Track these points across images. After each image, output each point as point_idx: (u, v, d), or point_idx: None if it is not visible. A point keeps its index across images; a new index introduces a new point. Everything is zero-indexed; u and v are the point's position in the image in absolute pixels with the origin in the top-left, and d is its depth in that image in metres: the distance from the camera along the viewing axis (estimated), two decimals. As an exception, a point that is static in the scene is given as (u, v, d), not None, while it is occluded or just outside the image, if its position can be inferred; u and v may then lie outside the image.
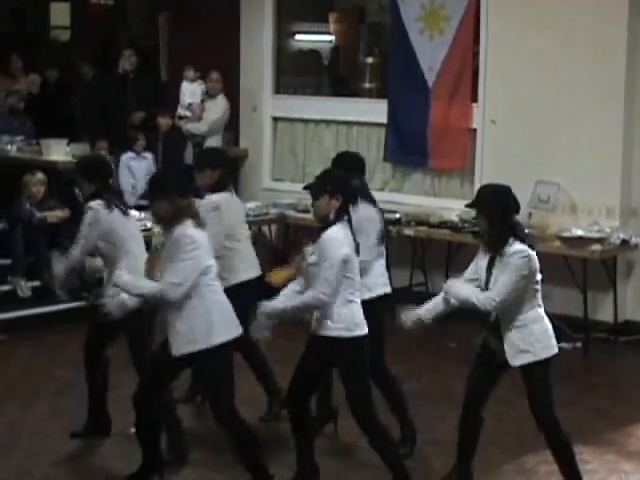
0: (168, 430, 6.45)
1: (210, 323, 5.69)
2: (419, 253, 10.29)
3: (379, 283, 6.49)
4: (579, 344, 9.03)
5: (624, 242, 9.23)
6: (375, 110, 10.81)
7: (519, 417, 7.29)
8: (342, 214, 5.75)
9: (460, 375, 7.87)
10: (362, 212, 6.36)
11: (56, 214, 9.82)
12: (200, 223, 5.76)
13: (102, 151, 10.27)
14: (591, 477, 6.23)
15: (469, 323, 5.99)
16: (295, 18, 11.98)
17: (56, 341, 8.97)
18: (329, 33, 11.97)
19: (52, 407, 7.50)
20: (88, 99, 11.50)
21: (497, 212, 5.66)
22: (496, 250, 5.67)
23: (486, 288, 5.70)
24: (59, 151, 10.86)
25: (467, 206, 5.89)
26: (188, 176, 10.35)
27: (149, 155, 10.48)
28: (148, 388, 5.92)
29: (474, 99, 10.19)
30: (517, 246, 5.65)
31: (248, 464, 5.82)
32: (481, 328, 5.95)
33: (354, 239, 5.75)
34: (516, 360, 5.70)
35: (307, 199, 10.99)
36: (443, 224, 9.90)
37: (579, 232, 9.19)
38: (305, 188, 5.92)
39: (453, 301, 5.80)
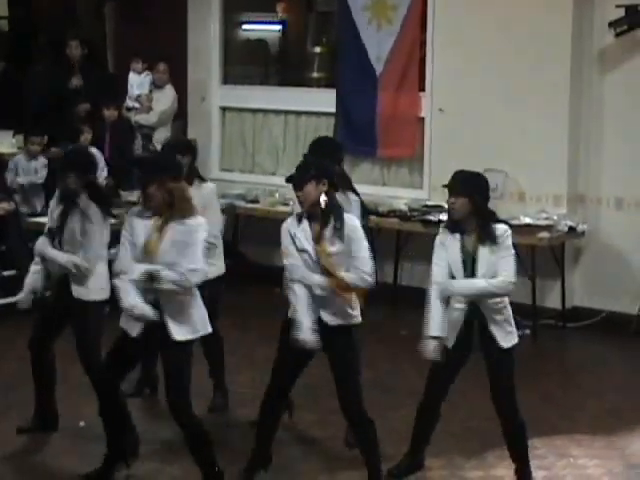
0: None
1: (204, 313, 5.79)
2: (368, 242, 10.28)
3: None
4: (528, 331, 9.10)
5: (571, 229, 9.31)
6: (323, 99, 10.80)
7: (462, 403, 7.38)
8: (334, 199, 5.72)
9: (412, 362, 7.93)
10: (350, 198, 6.41)
11: (2, 206, 9.71)
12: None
13: (35, 145, 10.12)
14: (540, 462, 6.29)
15: (419, 309, 5.96)
16: (242, 8, 11.94)
17: (6, 335, 8.88)
18: (277, 22, 11.94)
19: (1, 402, 7.42)
20: (34, 91, 11.36)
21: (481, 195, 5.74)
22: (486, 233, 5.69)
23: (472, 274, 5.71)
24: (4, 143, 10.76)
25: (451, 192, 5.78)
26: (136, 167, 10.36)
27: (94, 150, 10.35)
28: (112, 373, 5.89)
29: (422, 88, 10.22)
30: (501, 226, 5.76)
31: (199, 459, 5.79)
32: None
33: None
34: (507, 342, 5.76)
35: (256, 189, 11.05)
36: (392, 213, 9.93)
37: (527, 220, 9.26)
38: (288, 180, 5.81)
39: (458, 305, 5.79)
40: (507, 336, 5.79)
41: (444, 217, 9.47)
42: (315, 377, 7.98)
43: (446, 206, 9.62)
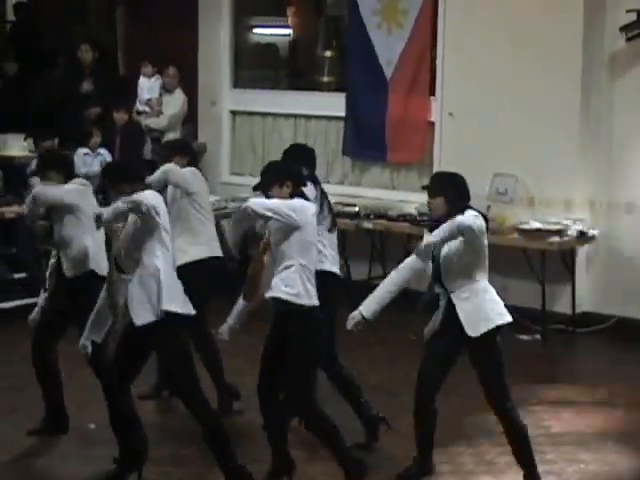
0: None
1: (172, 291, 5.85)
2: (378, 246, 10.31)
3: None
4: (538, 336, 9.09)
5: (582, 234, 9.29)
6: (333, 103, 10.80)
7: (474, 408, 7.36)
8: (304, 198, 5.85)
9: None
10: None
11: (13, 209, 9.74)
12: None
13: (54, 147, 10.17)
14: (550, 467, 6.27)
15: (428, 314, 5.95)
16: (253, 12, 11.94)
17: (15, 337, 8.88)
18: (287, 27, 11.94)
19: (7, 404, 7.42)
20: (45, 94, 11.38)
21: (455, 193, 5.80)
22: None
23: (438, 275, 5.80)
24: (15, 146, 10.78)
25: (428, 193, 5.87)
26: (147, 170, 10.37)
27: (104, 151, 10.37)
28: (121, 376, 5.88)
29: (432, 92, 10.21)
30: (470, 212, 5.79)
31: (219, 456, 5.76)
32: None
33: None
34: (474, 330, 5.75)
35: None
36: (402, 217, 9.92)
37: (537, 224, 9.24)
38: (255, 189, 5.93)
39: (442, 299, 5.82)
40: (475, 325, 5.73)
41: (454, 221, 9.54)
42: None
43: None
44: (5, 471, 6.33)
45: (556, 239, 9.12)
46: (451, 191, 5.81)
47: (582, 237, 9.31)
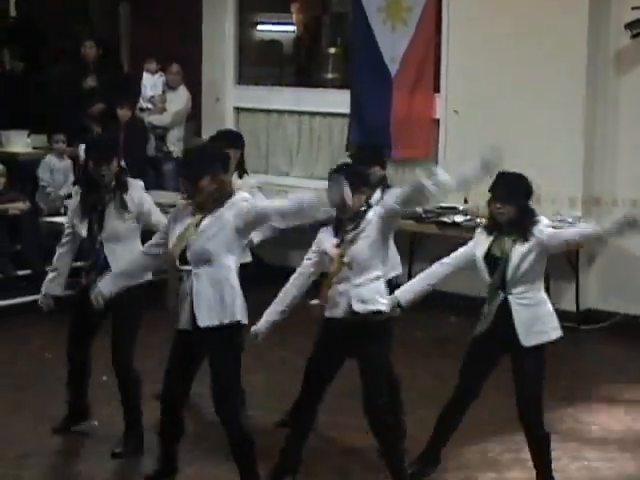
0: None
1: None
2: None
3: None
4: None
5: (586, 231, 9.26)
6: (338, 100, 10.80)
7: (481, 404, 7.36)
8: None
9: (427, 365, 7.93)
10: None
11: (17, 206, 9.75)
12: None
13: (59, 143, 10.22)
14: (554, 464, 6.19)
15: (433, 311, 5.95)
16: (257, 8, 11.94)
17: (20, 334, 8.90)
18: (291, 23, 11.94)
19: (15, 400, 7.42)
20: (51, 90, 11.39)
21: (526, 200, 5.77)
22: (526, 235, 5.69)
23: (502, 273, 5.68)
24: (19, 142, 10.79)
25: (497, 198, 5.77)
26: (149, 167, 10.40)
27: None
28: (179, 385, 5.70)
29: (436, 89, 10.20)
30: (542, 224, 5.76)
31: (242, 463, 5.65)
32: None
33: None
34: (528, 341, 5.69)
35: (270, 189, 11.04)
36: (406, 214, 9.90)
37: (542, 221, 9.22)
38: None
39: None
40: (531, 335, 5.67)
41: (458, 218, 9.54)
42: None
43: (460, 207, 9.79)
44: (12, 467, 6.33)
45: (561, 236, 9.10)
46: (523, 199, 5.75)
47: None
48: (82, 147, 10.14)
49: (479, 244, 5.84)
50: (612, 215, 5.67)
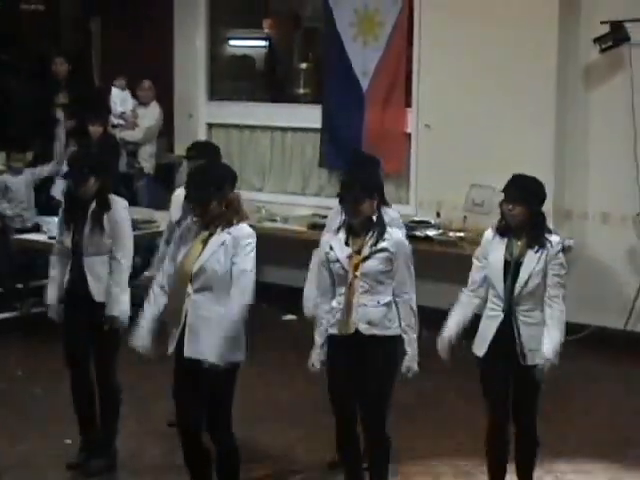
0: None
1: None
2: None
3: None
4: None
5: (558, 244, 9.30)
6: (310, 115, 10.81)
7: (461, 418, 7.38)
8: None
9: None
10: None
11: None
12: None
13: (16, 163, 10.16)
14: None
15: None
16: (229, 24, 11.94)
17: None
18: (264, 39, 11.95)
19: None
20: (19, 107, 11.35)
21: (539, 202, 5.66)
22: (536, 239, 5.60)
23: (513, 279, 5.59)
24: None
25: (509, 199, 5.65)
26: (121, 183, 10.36)
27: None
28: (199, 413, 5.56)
29: (408, 104, 10.23)
30: (555, 237, 5.66)
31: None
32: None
33: None
34: (529, 360, 5.61)
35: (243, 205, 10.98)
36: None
37: (513, 235, 9.24)
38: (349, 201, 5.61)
39: (492, 312, 5.66)
40: (531, 353, 5.59)
41: (431, 232, 9.56)
42: (300, 393, 8.04)
43: (432, 221, 9.81)
44: None
45: (532, 249, 9.13)
46: (536, 201, 5.66)
47: (558, 247, 9.32)
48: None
49: (492, 249, 5.71)
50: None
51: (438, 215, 9.91)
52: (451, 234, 9.54)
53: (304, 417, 7.45)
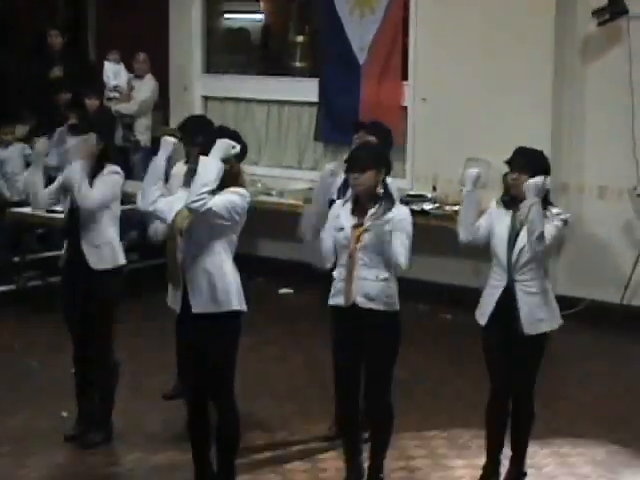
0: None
1: None
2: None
3: None
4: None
5: (554, 218, 9.30)
6: (306, 89, 10.78)
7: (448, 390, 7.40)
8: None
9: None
10: None
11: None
12: None
13: (8, 136, 10.13)
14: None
15: (404, 301, 5.87)
16: (225, -4, 11.90)
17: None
18: (259, 12, 11.90)
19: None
20: (15, 80, 11.31)
21: (543, 173, 5.69)
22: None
23: (509, 257, 5.61)
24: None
25: (514, 168, 5.72)
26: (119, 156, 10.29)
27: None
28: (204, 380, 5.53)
29: (405, 77, 10.20)
30: (556, 209, 5.73)
31: (228, 451, 5.57)
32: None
33: None
34: (530, 329, 5.62)
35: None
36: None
37: (510, 209, 9.24)
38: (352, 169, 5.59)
39: (496, 282, 5.67)
40: (534, 323, 5.61)
41: (427, 206, 9.54)
42: (296, 367, 8.06)
43: (429, 195, 9.81)
44: None
45: (529, 223, 9.13)
46: (540, 170, 5.67)
47: (554, 221, 9.32)
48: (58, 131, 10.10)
49: (496, 219, 5.74)
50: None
51: (434, 189, 9.90)
52: (447, 208, 9.52)
53: (300, 390, 7.48)
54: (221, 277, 5.32)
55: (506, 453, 5.92)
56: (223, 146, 5.30)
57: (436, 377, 7.78)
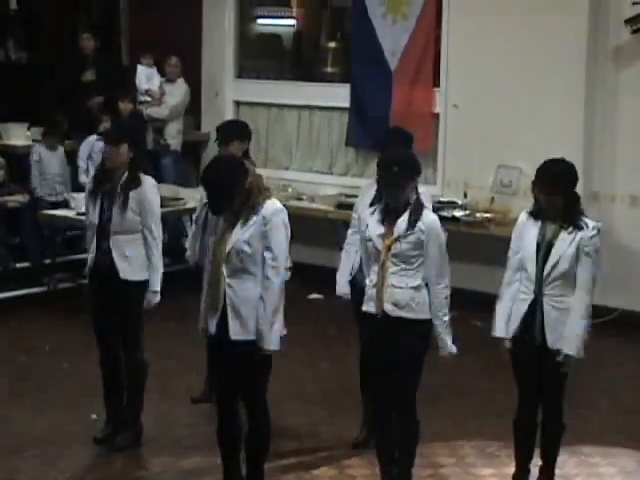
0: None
1: None
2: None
3: None
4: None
5: (585, 226, 9.26)
6: (337, 94, 10.78)
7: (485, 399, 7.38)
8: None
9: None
10: None
11: (16, 199, 9.76)
12: None
13: (48, 140, 10.19)
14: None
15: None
16: (257, 2, 11.91)
17: (18, 327, 8.91)
18: (292, 17, 11.92)
19: (12, 391, 7.45)
20: (48, 83, 11.38)
21: (572, 187, 5.62)
22: (572, 221, 5.57)
23: (544, 260, 5.55)
24: (19, 135, 10.77)
25: (542, 189, 5.59)
26: (149, 161, 10.37)
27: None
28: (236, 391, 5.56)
29: (436, 84, 10.19)
30: (592, 221, 5.64)
31: (259, 459, 5.59)
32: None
33: None
34: (555, 344, 5.57)
35: (270, 183, 11.02)
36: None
37: (541, 217, 9.21)
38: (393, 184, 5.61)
39: (523, 295, 5.59)
40: (558, 339, 5.55)
41: (457, 213, 9.53)
42: (325, 372, 8.06)
43: (460, 202, 9.79)
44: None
45: (560, 231, 9.09)
46: (570, 189, 5.60)
47: (586, 230, 9.28)
48: (90, 138, 10.19)
49: (526, 232, 5.66)
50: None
51: (465, 196, 9.88)
52: (478, 215, 9.51)
53: (328, 397, 7.47)
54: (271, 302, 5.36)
55: (535, 462, 5.90)
56: None
57: (466, 384, 7.76)
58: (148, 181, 6.39)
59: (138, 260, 6.32)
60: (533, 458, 5.87)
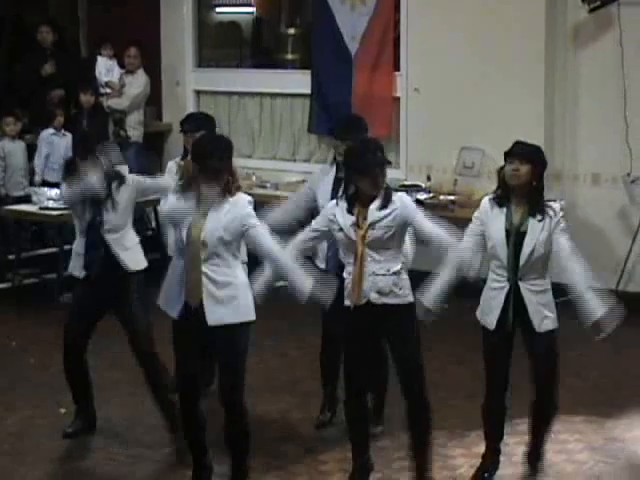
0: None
1: None
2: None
3: None
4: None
5: (548, 206, 9.31)
6: (298, 81, 10.77)
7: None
8: None
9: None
10: None
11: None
12: None
13: (10, 126, 10.10)
14: (521, 438, 6.16)
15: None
16: (215, -10, 11.88)
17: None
18: (250, 5, 11.88)
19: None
20: (6, 77, 11.29)
21: (541, 167, 5.65)
22: (538, 206, 5.58)
23: (516, 248, 5.54)
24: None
25: (515, 158, 5.57)
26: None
27: (68, 134, 10.30)
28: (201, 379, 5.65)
29: (397, 68, 10.20)
30: (555, 203, 5.66)
31: (242, 453, 5.61)
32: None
33: None
34: (541, 327, 5.62)
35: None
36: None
37: (504, 197, 9.25)
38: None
39: (496, 284, 5.59)
40: (543, 321, 5.60)
41: (421, 196, 9.54)
42: (294, 359, 8.06)
43: (423, 185, 9.80)
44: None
45: (523, 212, 9.14)
46: (539, 164, 5.64)
47: (549, 209, 9.33)
48: (44, 133, 10.14)
49: (490, 219, 5.64)
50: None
51: (428, 179, 9.91)
52: (442, 197, 9.54)
53: (297, 384, 7.48)
54: (238, 287, 5.41)
55: (505, 441, 5.94)
56: None
57: (434, 368, 7.77)
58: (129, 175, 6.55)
59: (136, 250, 6.42)
60: (503, 438, 5.91)
